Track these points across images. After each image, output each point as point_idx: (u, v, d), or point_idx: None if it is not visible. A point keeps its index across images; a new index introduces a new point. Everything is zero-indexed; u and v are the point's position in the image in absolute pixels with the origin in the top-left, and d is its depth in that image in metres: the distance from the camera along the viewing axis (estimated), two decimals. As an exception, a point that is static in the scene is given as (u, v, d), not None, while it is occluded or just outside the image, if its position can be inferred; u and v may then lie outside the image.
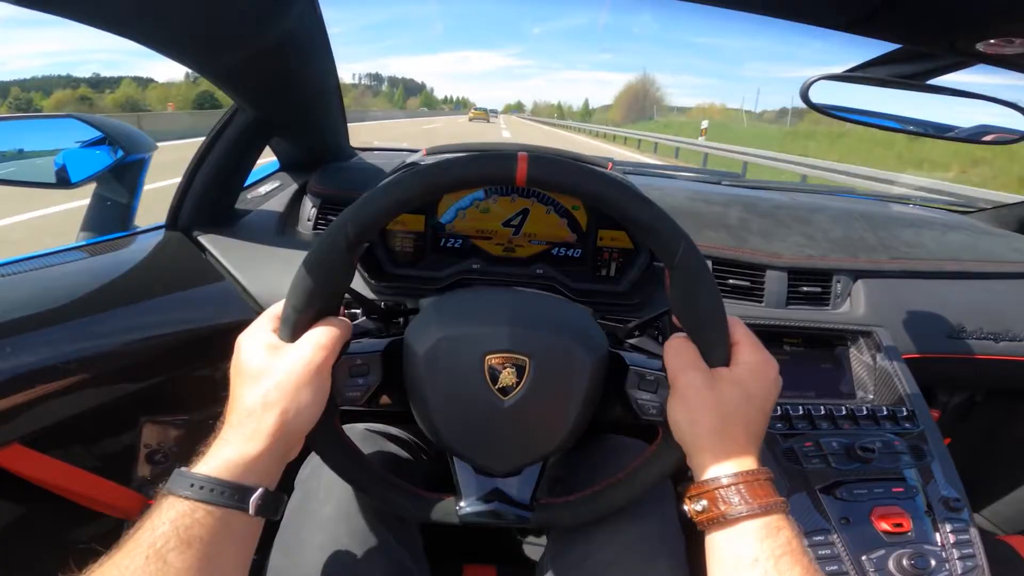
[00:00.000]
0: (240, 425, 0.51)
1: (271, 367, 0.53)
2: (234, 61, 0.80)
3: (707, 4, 0.59)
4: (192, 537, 0.45)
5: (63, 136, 1.10)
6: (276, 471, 0.53)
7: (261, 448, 0.50)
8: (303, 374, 0.52)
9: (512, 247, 0.98)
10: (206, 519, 0.46)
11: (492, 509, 0.62)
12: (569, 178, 0.55)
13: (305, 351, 0.53)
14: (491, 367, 0.57)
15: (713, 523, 0.52)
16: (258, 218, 1.12)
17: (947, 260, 1.17)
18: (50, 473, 0.80)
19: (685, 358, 0.56)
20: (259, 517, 0.49)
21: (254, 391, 0.52)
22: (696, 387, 0.54)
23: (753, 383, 0.56)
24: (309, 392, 0.52)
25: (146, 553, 0.43)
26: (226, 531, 0.47)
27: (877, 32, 0.59)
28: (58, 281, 0.88)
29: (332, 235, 0.54)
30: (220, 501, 0.47)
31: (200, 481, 0.47)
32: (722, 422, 0.54)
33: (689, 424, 0.55)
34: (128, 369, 0.84)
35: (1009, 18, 0.50)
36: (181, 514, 0.46)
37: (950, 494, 0.85)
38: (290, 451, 0.54)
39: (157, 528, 0.45)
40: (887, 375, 0.99)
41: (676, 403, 0.55)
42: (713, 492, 0.52)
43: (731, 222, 1.13)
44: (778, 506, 0.51)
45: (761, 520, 0.50)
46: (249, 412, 0.51)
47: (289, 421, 0.51)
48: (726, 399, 0.54)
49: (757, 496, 0.51)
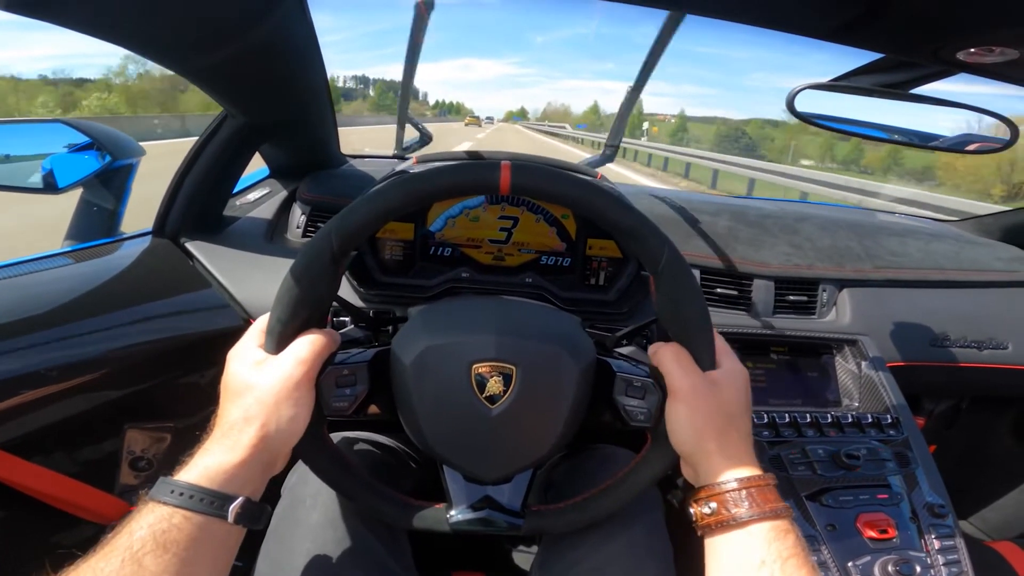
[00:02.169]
0: (223, 437, 0.52)
1: (253, 383, 0.53)
2: (215, 63, 0.79)
3: (696, 15, 0.60)
4: (169, 541, 0.45)
5: (50, 140, 1.09)
6: (258, 482, 0.53)
7: (241, 458, 0.50)
8: (282, 390, 0.53)
9: (502, 256, 0.99)
10: (184, 524, 0.46)
11: (483, 517, 0.62)
12: (552, 185, 0.55)
13: (286, 366, 0.54)
14: (478, 376, 0.57)
15: (721, 526, 0.53)
16: (246, 225, 1.12)
17: (931, 269, 1.18)
18: (32, 478, 0.79)
19: (684, 362, 0.56)
20: (239, 526, 0.50)
21: (237, 406, 0.53)
22: (699, 390, 0.55)
23: (741, 388, 0.57)
24: (289, 407, 0.53)
25: (122, 556, 0.44)
26: (204, 538, 0.47)
27: (859, 41, 0.60)
28: (43, 287, 0.87)
29: (316, 246, 0.54)
30: (199, 508, 0.47)
31: (180, 488, 0.48)
32: (727, 425, 0.55)
33: (693, 427, 0.55)
34: (113, 376, 0.84)
35: (989, 28, 0.51)
36: (159, 519, 0.46)
37: (935, 500, 0.86)
38: (274, 464, 0.55)
39: (135, 532, 0.45)
40: (872, 383, 0.99)
41: (679, 407, 0.55)
42: (723, 495, 0.53)
43: (719, 231, 1.13)
44: (785, 511, 0.52)
45: (769, 524, 0.51)
46: (231, 425, 0.52)
47: (270, 435, 0.52)
48: (726, 402, 0.55)
49: (767, 500, 0.52)
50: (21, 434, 0.74)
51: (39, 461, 0.79)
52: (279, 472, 0.57)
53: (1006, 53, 0.54)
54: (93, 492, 0.86)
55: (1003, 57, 0.55)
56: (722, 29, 0.64)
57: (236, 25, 0.74)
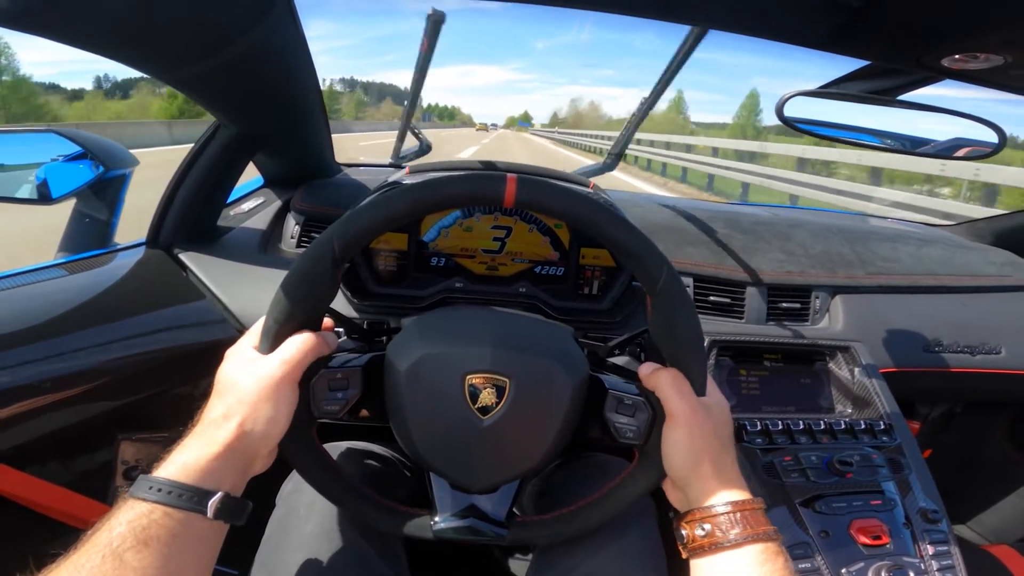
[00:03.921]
0: (201, 434, 0.52)
1: (239, 381, 0.54)
2: (204, 72, 0.79)
3: (684, 24, 0.61)
4: (149, 537, 0.45)
5: (43, 150, 1.09)
6: (237, 478, 0.53)
7: (217, 451, 0.51)
8: (263, 389, 0.53)
9: (495, 265, 0.99)
10: (164, 520, 0.47)
11: (467, 525, 0.63)
12: (556, 201, 0.56)
13: (269, 366, 0.54)
14: (471, 386, 0.57)
15: (714, 547, 0.54)
16: (241, 235, 1.12)
17: (923, 275, 1.19)
18: (26, 489, 0.79)
19: (682, 388, 0.57)
20: (218, 521, 0.50)
21: (220, 403, 0.54)
22: (697, 415, 0.56)
23: (728, 417, 0.59)
24: (269, 406, 0.53)
25: (103, 552, 0.44)
26: (185, 533, 0.48)
27: (844, 49, 0.60)
28: (36, 299, 0.87)
29: (318, 249, 0.55)
30: (177, 503, 0.47)
31: (158, 484, 0.48)
32: (722, 451, 0.57)
33: (692, 450, 0.56)
34: (107, 387, 0.83)
35: (971, 35, 0.52)
36: (138, 515, 0.46)
37: (928, 506, 0.86)
38: (253, 462, 0.55)
39: (114, 529, 0.46)
40: (865, 389, 1.00)
41: (679, 431, 0.56)
42: (717, 517, 0.54)
43: (712, 239, 1.14)
44: (774, 534, 0.54)
45: (760, 546, 0.53)
46: (210, 422, 0.53)
47: (247, 432, 0.52)
48: (719, 426, 0.57)
49: (759, 523, 0.54)
50: (15, 445, 0.75)
51: (33, 472, 0.79)
52: (262, 472, 0.57)
53: (991, 59, 0.55)
54: (87, 502, 0.86)
55: (988, 63, 0.56)
56: (719, 35, 0.65)
57: (225, 34, 0.74)
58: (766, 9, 0.56)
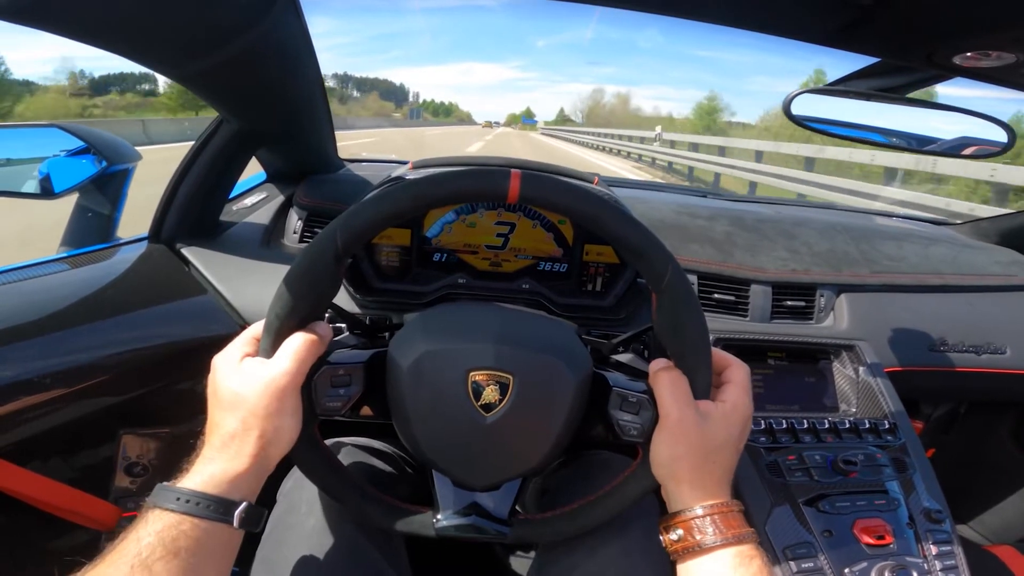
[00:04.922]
0: (224, 447, 0.53)
1: (245, 394, 0.54)
2: (208, 68, 0.79)
3: (692, 20, 0.60)
4: (178, 548, 0.47)
5: (46, 145, 1.09)
6: (258, 486, 0.55)
7: (245, 466, 0.52)
8: (272, 403, 0.53)
9: (498, 261, 0.98)
10: (192, 531, 0.48)
11: (469, 523, 0.62)
12: (561, 198, 0.55)
13: (273, 378, 0.54)
14: (475, 383, 0.57)
15: (688, 552, 0.54)
16: (243, 230, 1.11)
17: (929, 274, 1.18)
18: (27, 484, 0.78)
19: (678, 392, 0.56)
20: (242, 529, 0.51)
21: (232, 417, 0.54)
22: (686, 423, 0.55)
23: (737, 424, 0.58)
24: (282, 418, 0.54)
25: (131, 563, 0.45)
26: (210, 543, 0.49)
27: (854, 46, 0.60)
28: (39, 293, 0.87)
29: (321, 244, 0.54)
30: (206, 514, 0.49)
31: (186, 495, 0.49)
32: (703, 460, 0.56)
33: (671, 458, 0.56)
34: (109, 382, 0.83)
35: (984, 32, 0.51)
36: (167, 526, 0.48)
37: (932, 506, 0.86)
38: (270, 468, 0.56)
39: (142, 539, 0.46)
40: (870, 389, 0.99)
41: (664, 437, 0.56)
42: (689, 522, 0.55)
43: (716, 236, 1.13)
44: (750, 536, 0.54)
45: (735, 549, 0.53)
46: (232, 435, 0.53)
47: (268, 443, 0.54)
48: (711, 437, 0.56)
49: (731, 527, 0.54)
50: (16, 440, 0.74)
51: (34, 467, 0.79)
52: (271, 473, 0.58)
53: (1003, 57, 0.54)
54: (88, 498, 0.86)
55: (1000, 61, 0.55)
56: (721, 33, 0.64)
57: (229, 30, 0.73)
58: (776, 6, 0.56)
